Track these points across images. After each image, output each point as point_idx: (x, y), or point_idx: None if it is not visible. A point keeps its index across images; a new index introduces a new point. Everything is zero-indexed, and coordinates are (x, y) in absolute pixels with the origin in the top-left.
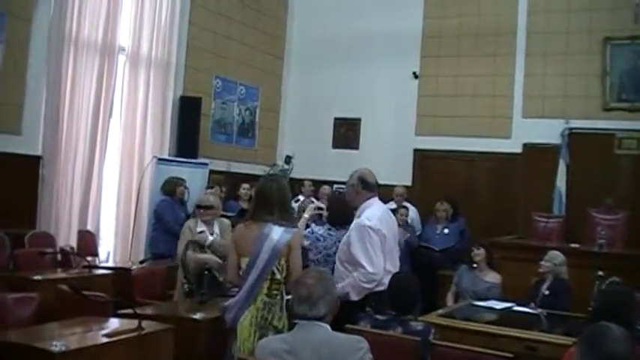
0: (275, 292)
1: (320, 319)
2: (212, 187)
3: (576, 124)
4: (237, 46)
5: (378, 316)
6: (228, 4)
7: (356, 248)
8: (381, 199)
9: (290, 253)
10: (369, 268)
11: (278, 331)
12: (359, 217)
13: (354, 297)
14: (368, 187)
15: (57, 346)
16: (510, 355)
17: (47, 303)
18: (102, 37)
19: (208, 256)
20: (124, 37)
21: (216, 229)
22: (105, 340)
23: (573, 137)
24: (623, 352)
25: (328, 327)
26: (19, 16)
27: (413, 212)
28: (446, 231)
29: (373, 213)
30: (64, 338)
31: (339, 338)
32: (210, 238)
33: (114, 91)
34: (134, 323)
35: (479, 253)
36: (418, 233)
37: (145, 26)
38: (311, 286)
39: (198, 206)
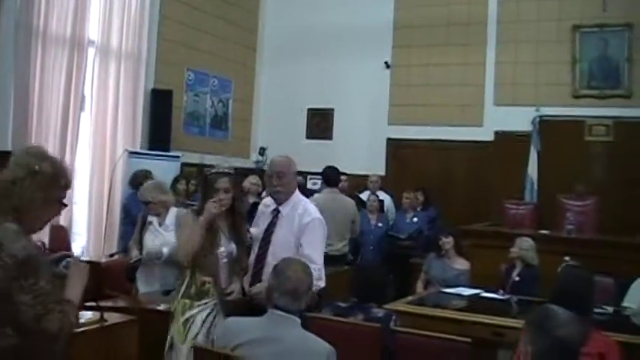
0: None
1: (297, 312)
2: (178, 180)
3: (547, 111)
4: (209, 39)
5: (341, 304)
6: None
7: (311, 243)
8: (355, 188)
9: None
10: (320, 265)
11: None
12: (304, 209)
13: None
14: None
15: None
16: (468, 340)
17: None
18: (71, 30)
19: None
20: (93, 30)
21: (168, 221)
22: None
23: (544, 124)
24: (573, 335)
25: (299, 321)
26: None
27: (387, 201)
28: (415, 219)
29: (311, 205)
30: None
31: (310, 340)
32: (165, 251)
33: (84, 84)
34: (97, 315)
35: (447, 241)
36: (392, 222)
37: (115, 19)
38: (297, 280)
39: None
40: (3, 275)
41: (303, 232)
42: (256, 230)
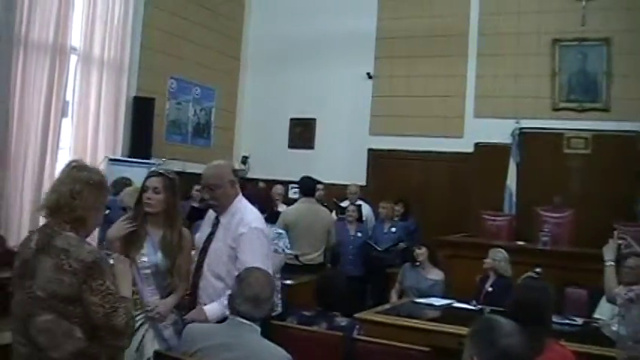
0: None
1: (258, 319)
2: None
3: (527, 123)
4: (192, 47)
5: (305, 312)
6: (183, 5)
7: (248, 256)
8: (335, 197)
9: None
10: None
11: None
12: (240, 218)
13: None
14: (237, 181)
15: None
16: (427, 350)
17: None
18: (53, 37)
19: None
20: (75, 38)
21: None
22: None
23: (524, 137)
24: (516, 346)
25: (259, 330)
26: None
27: (367, 210)
28: (393, 229)
29: (256, 213)
30: None
31: (267, 348)
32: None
33: (65, 91)
34: None
35: (421, 252)
36: (371, 232)
37: (98, 26)
38: (259, 288)
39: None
40: (73, 280)
41: (239, 243)
42: (199, 238)
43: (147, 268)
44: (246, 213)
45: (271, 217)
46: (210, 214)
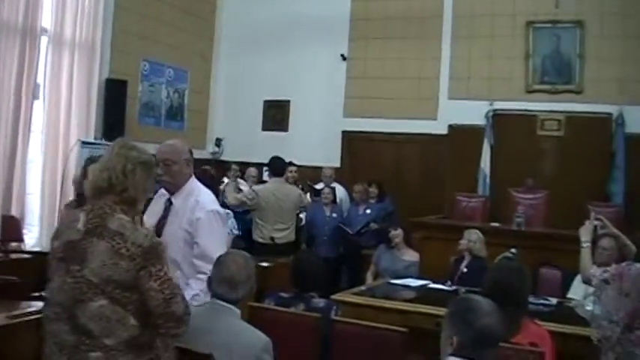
0: None
1: (236, 302)
2: None
3: (500, 105)
4: (165, 29)
5: (283, 294)
6: None
7: (206, 241)
8: (310, 179)
9: None
10: None
11: None
12: (196, 200)
13: None
14: (192, 162)
15: None
16: (404, 330)
17: None
18: (22, 18)
19: None
20: (46, 19)
21: None
22: (9, 321)
23: (497, 119)
24: (496, 325)
25: (239, 312)
26: None
27: (342, 193)
28: (368, 211)
29: (210, 195)
30: None
31: (246, 331)
32: None
33: (36, 73)
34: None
35: (396, 234)
36: (346, 214)
37: (69, 8)
38: (235, 269)
39: None
40: (130, 265)
41: (197, 228)
42: (149, 221)
43: None
44: (201, 194)
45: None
46: (159, 195)
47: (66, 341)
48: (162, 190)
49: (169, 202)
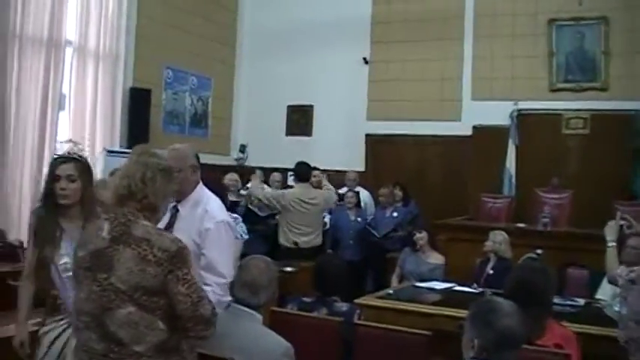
0: None
1: (257, 307)
2: None
3: (524, 105)
4: (187, 37)
5: (305, 298)
6: None
7: (215, 253)
8: (334, 184)
9: None
10: (228, 277)
11: None
12: (204, 209)
13: None
14: (199, 168)
15: None
16: (427, 333)
17: None
18: (47, 31)
19: None
20: (70, 31)
21: None
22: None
23: (522, 118)
24: (517, 326)
25: (261, 318)
26: None
27: (366, 196)
28: (395, 214)
29: (219, 203)
30: None
31: (267, 336)
32: None
33: (62, 84)
34: None
35: (421, 237)
36: (371, 217)
37: (92, 19)
38: (256, 273)
39: None
40: (157, 270)
41: (205, 239)
42: None
43: (69, 271)
44: (209, 204)
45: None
46: None
47: (95, 350)
48: None
49: (175, 210)
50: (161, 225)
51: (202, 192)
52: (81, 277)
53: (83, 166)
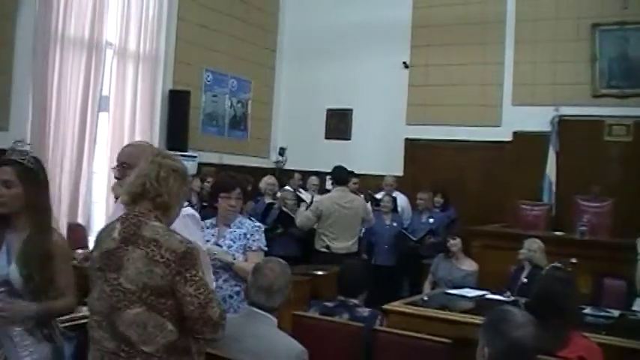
0: None
1: (272, 310)
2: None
3: (566, 111)
4: (227, 40)
5: (327, 303)
6: None
7: None
8: (372, 189)
9: None
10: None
11: None
12: None
13: None
14: None
15: None
16: (448, 341)
17: None
18: (89, 33)
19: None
20: (111, 33)
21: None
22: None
23: (563, 124)
24: (527, 338)
25: (276, 321)
26: (4, 15)
27: (403, 201)
28: (431, 220)
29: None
30: None
31: (282, 340)
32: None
33: (102, 86)
34: None
35: (455, 243)
36: (407, 222)
37: (133, 21)
38: (272, 277)
39: None
40: (165, 271)
41: None
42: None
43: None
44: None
45: None
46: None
47: (107, 348)
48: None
49: None
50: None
51: None
52: (94, 277)
53: (25, 170)
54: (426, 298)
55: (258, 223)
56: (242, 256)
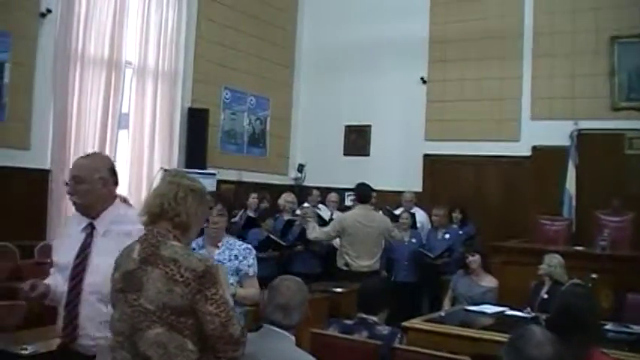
0: None
1: (289, 328)
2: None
3: (585, 124)
4: (245, 57)
5: (347, 321)
6: (235, 17)
7: None
8: (391, 205)
9: None
10: None
11: None
12: (133, 226)
13: None
14: (113, 182)
15: (27, 349)
16: (467, 359)
17: (34, 311)
18: (108, 52)
19: None
20: (130, 52)
21: None
22: None
23: (582, 138)
24: (544, 357)
25: (294, 339)
26: (25, 35)
27: (422, 217)
28: (447, 236)
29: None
30: (38, 342)
31: (300, 358)
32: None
33: (121, 104)
34: None
35: (474, 260)
36: (425, 238)
37: (151, 40)
38: (289, 295)
39: None
40: (185, 290)
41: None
42: (61, 257)
43: None
44: (135, 222)
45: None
46: (69, 229)
47: None
48: (73, 217)
49: (91, 227)
50: (71, 251)
51: (119, 208)
52: (115, 298)
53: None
54: (443, 314)
55: (247, 245)
56: (233, 278)
